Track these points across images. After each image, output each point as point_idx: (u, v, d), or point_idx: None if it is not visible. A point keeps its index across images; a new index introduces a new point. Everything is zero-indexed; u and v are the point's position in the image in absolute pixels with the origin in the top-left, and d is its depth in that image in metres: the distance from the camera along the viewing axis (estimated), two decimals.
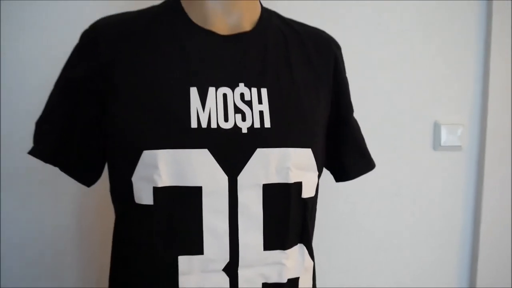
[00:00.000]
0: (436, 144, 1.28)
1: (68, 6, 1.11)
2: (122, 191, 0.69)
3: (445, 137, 1.27)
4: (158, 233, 0.66)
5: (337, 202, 1.25)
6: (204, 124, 0.65)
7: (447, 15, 1.26)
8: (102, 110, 0.70)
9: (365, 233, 1.28)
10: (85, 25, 0.73)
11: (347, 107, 0.83)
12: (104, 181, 0.78)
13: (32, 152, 0.73)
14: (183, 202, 0.66)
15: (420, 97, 1.27)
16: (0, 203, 1.13)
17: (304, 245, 0.74)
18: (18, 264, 1.16)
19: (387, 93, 1.25)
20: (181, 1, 0.73)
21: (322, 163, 0.78)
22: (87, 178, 0.76)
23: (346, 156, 0.83)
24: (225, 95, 0.68)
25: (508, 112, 1.27)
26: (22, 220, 1.14)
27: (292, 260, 0.72)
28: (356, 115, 0.86)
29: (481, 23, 1.27)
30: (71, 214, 1.16)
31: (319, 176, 0.76)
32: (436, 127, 1.27)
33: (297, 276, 0.73)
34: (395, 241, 1.29)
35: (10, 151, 1.12)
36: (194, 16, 0.71)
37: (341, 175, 0.85)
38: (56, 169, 0.75)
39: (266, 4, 0.79)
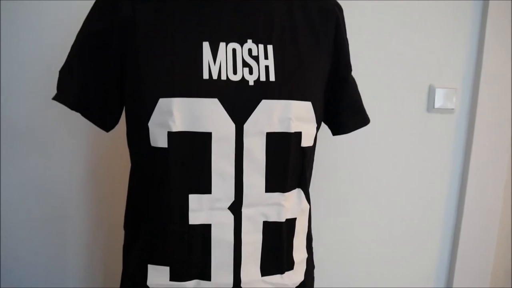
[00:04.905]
0: (430, 106, 1.35)
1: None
2: (139, 135, 0.76)
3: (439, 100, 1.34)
4: (172, 173, 0.74)
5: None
6: (215, 76, 0.72)
7: None
8: (122, 60, 0.76)
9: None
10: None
11: (346, 66, 0.89)
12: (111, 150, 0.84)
13: (56, 98, 0.79)
14: (194, 146, 0.73)
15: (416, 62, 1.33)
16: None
17: (302, 189, 0.82)
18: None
19: (385, 59, 1.31)
20: None
21: (321, 116, 0.85)
22: (106, 123, 0.83)
23: (343, 111, 0.90)
24: (234, 50, 0.74)
25: (500, 80, 1.33)
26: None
27: (290, 202, 0.80)
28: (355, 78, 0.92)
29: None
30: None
31: (317, 128, 0.83)
32: (431, 90, 1.34)
33: (294, 216, 0.81)
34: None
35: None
36: None
37: (338, 129, 0.92)
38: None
39: None
